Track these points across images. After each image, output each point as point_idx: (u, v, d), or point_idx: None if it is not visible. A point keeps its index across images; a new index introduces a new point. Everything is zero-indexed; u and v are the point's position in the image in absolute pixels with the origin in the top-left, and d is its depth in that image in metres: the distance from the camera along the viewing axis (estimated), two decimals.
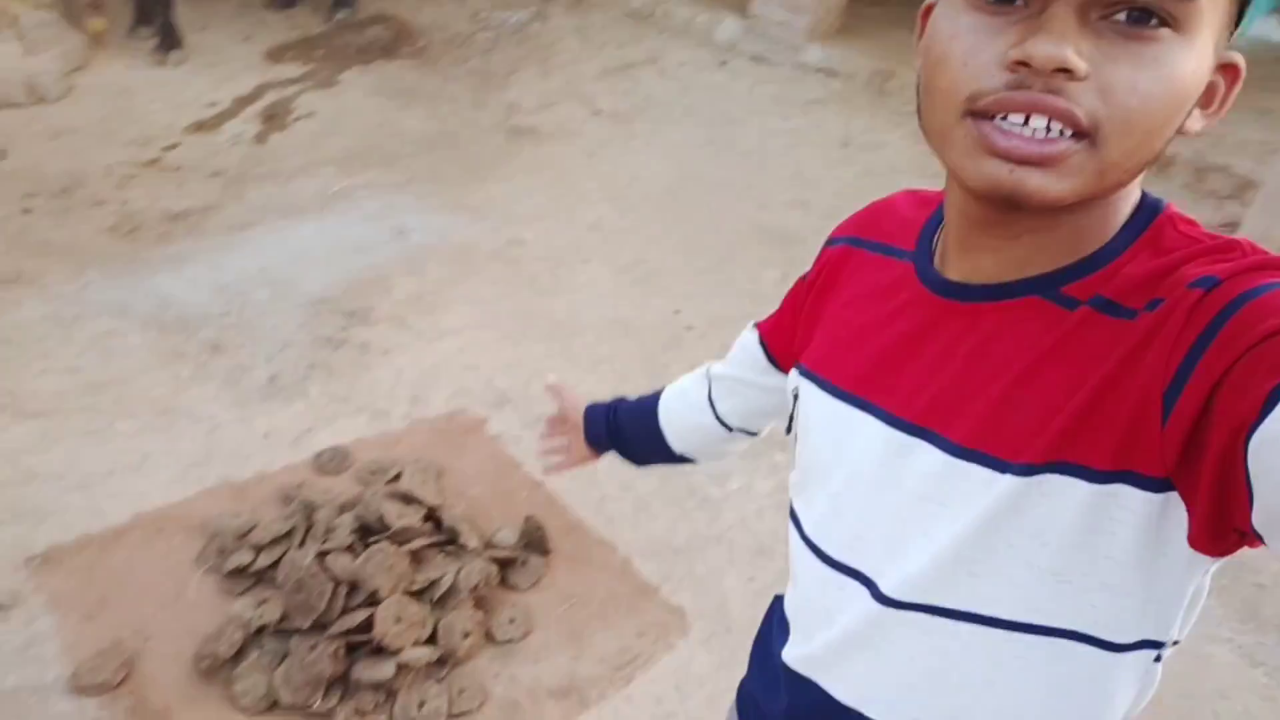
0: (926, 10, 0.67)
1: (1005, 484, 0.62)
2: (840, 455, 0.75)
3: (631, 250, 3.74)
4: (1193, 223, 0.65)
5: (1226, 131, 4.37)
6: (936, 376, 0.68)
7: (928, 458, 0.67)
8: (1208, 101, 0.61)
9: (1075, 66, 0.53)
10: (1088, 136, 0.55)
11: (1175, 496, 0.57)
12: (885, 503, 0.70)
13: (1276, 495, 0.48)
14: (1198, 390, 0.53)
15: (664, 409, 1.09)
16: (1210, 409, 0.53)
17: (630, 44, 5.53)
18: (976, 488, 0.63)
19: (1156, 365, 0.56)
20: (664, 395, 1.10)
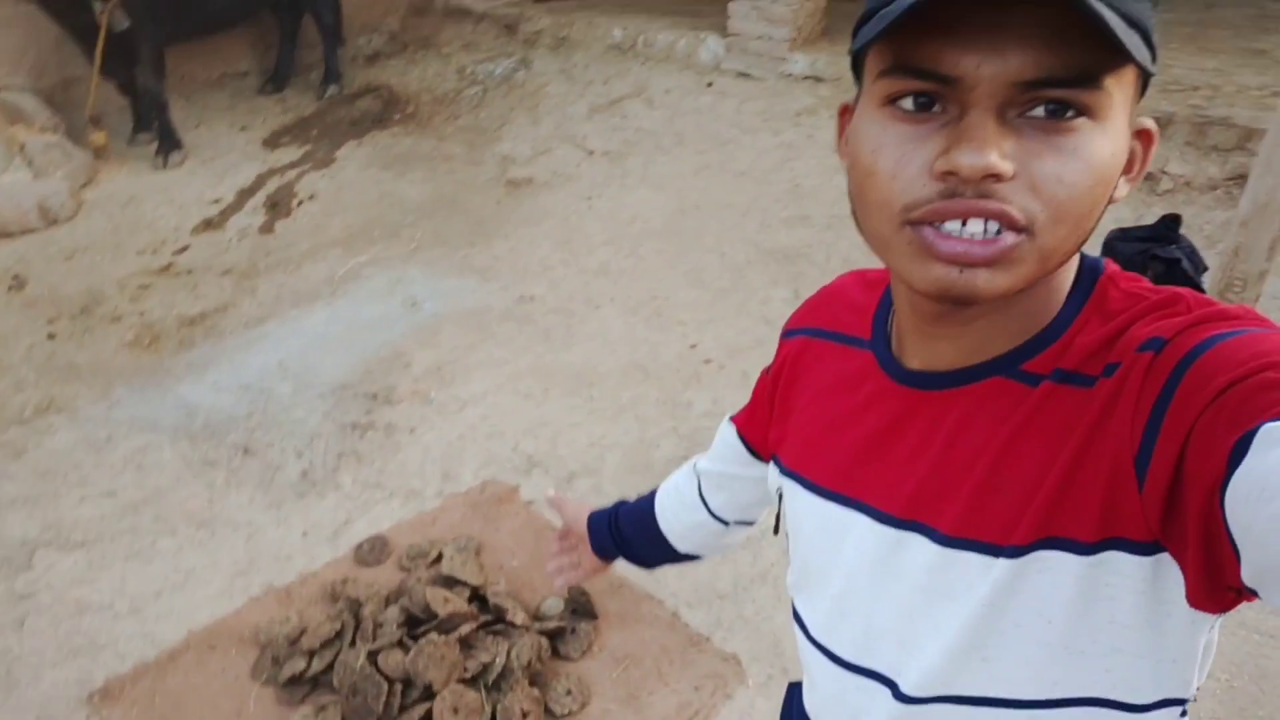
0: (844, 110, 0.68)
1: (1000, 568, 0.63)
2: (835, 555, 0.76)
3: (640, 290, 3.75)
4: (1133, 278, 0.66)
5: (1222, 81, 4.30)
6: (916, 468, 0.69)
7: (921, 550, 0.68)
8: (1128, 168, 0.62)
9: (1002, 170, 0.54)
10: (1024, 230, 0.56)
11: (1168, 557, 0.58)
12: (889, 600, 0.71)
13: (1260, 550, 0.48)
14: (1166, 454, 0.54)
15: (660, 510, 1.09)
16: (1182, 472, 0.54)
17: (615, 78, 5.56)
18: (973, 575, 0.65)
19: (1122, 431, 0.58)
20: (659, 496, 1.10)
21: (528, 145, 5.20)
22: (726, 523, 1.04)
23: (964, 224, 0.56)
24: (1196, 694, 0.68)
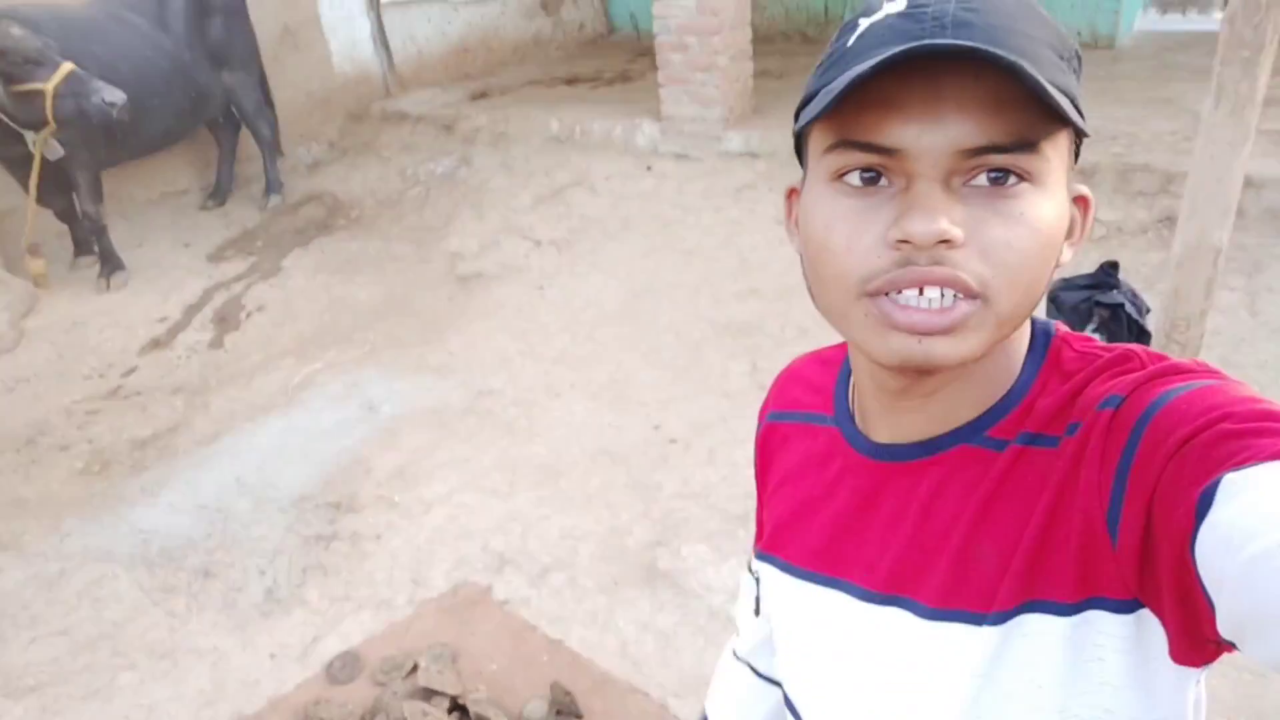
0: (791, 192, 0.69)
1: (986, 636, 0.63)
2: (820, 637, 0.75)
3: (600, 375, 3.75)
4: (1085, 338, 0.68)
5: (1137, 129, 4.51)
6: (892, 542, 0.69)
7: (906, 625, 0.67)
8: (1070, 234, 0.64)
9: (953, 236, 0.56)
10: (979, 297, 0.58)
11: (1149, 614, 0.58)
12: (878, 679, 0.70)
13: (1233, 601, 0.48)
14: (1135, 510, 0.55)
15: None
16: (1151, 527, 0.54)
17: (556, 168, 5.66)
18: (960, 646, 0.64)
19: (1090, 490, 0.58)
20: (715, 718, 1.00)
21: (475, 240, 5.24)
22: None
23: (920, 293, 0.57)
24: None
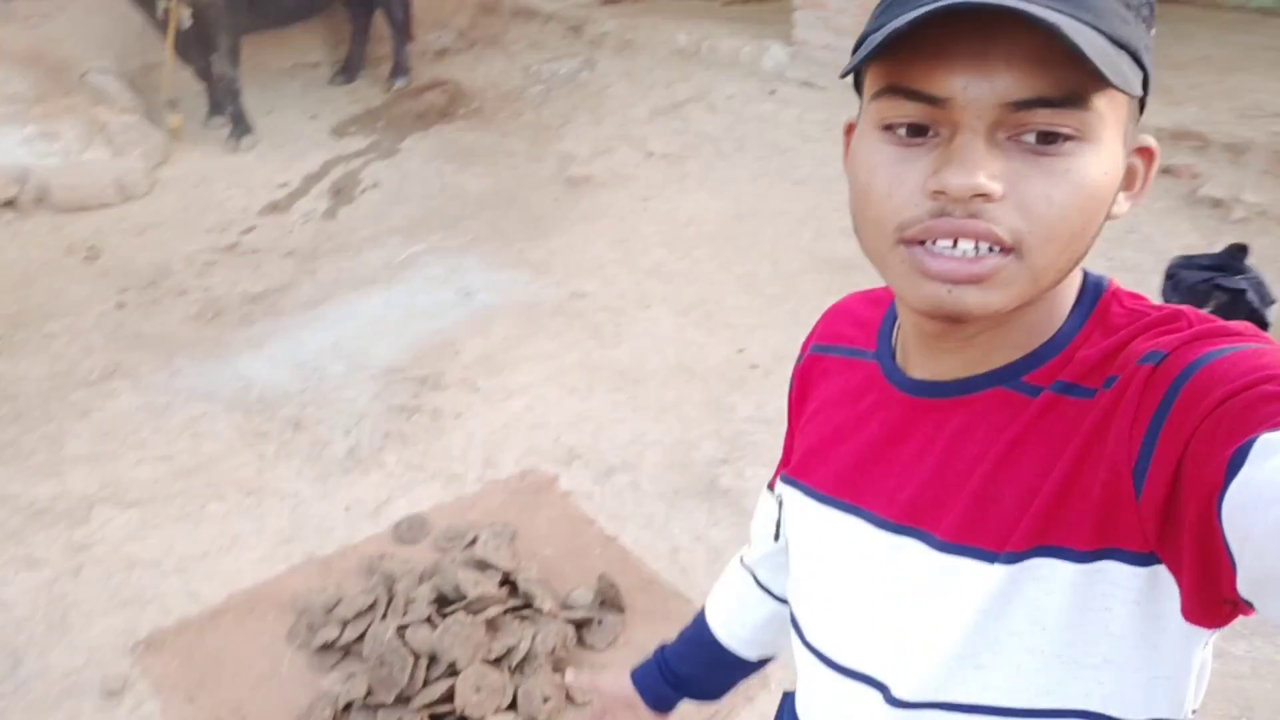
0: (849, 128, 0.70)
1: (995, 574, 0.63)
2: (833, 561, 0.76)
3: (692, 292, 3.76)
4: (1137, 296, 0.67)
5: None
6: (915, 474, 0.70)
7: (918, 556, 0.68)
8: (1129, 185, 0.64)
9: (990, 190, 0.56)
10: (1012, 250, 0.58)
11: (1163, 570, 0.58)
12: (885, 605, 0.71)
13: (1256, 558, 0.48)
14: (1164, 465, 0.55)
15: (719, 627, 1.03)
16: (1179, 482, 0.54)
17: (678, 82, 5.58)
18: (969, 581, 0.65)
19: (1120, 442, 0.58)
20: (710, 614, 1.05)
21: (588, 144, 5.25)
22: None
23: (954, 244, 0.58)
24: (1192, 716, 0.67)
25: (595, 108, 5.59)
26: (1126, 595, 0.60)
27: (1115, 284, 0.68)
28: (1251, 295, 2.84)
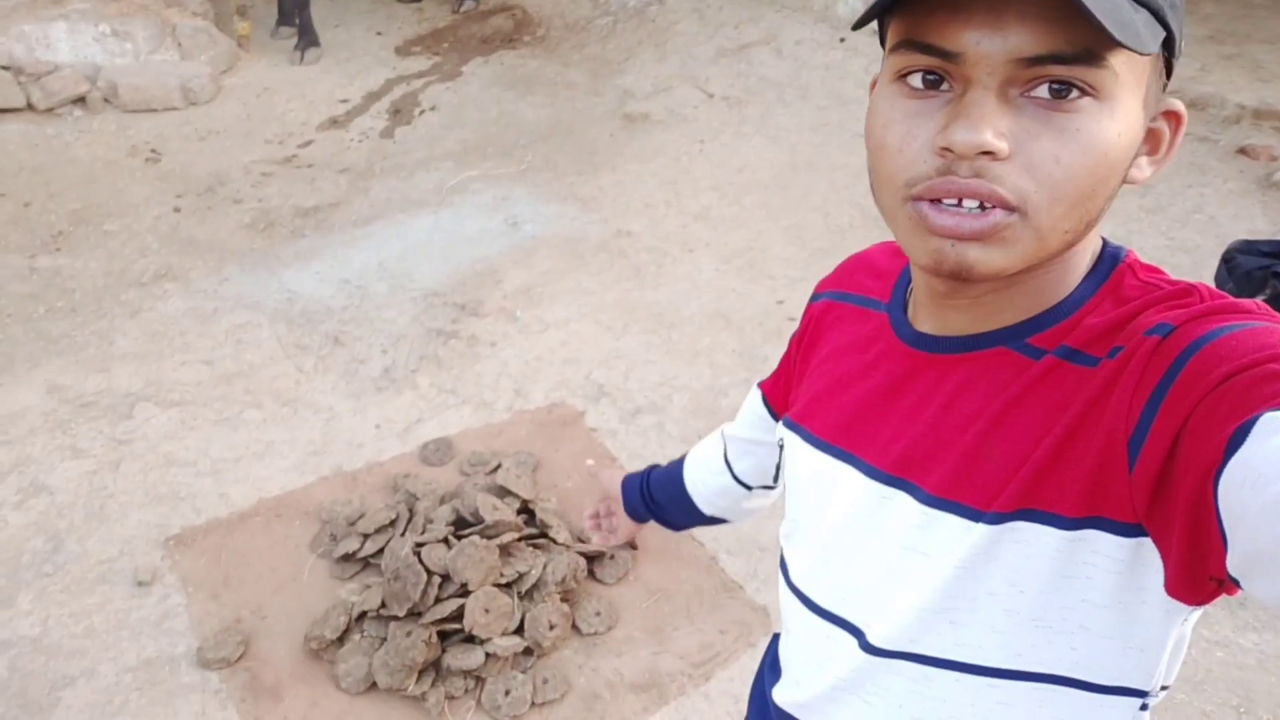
0: (875, 83, 0.69)
1: (979, 533, 0.64)
2: (824, 506, 0.77)
3: (737, 239, 3.73)
4: (1153, 269, 0.66)
5: None
6: (911, 427, 0.70)
7: (905, 508, 0.69)
8: (1154, 149, 0.62)
9: (996, 149, 0.56)
10: (1017, 210, 0.57)
11: (1149, 542, 0.58)
12: (869, 553, 0.72)
13: (1250, 536, 0.47)
14: (1161, 438, 0.55)
15: (689, 475, 1.12)
16: (1175, 456, 0.54)
17: (747, 23, 5.46)
18: (952, 537, 0.66)
19: (1119, 413, 0.58)
20: (687, 461, 1.14)
21: (649, 81, 5.17)
22: (750, 487, 1.06)
23: (959, 202, 0.58)
24: (1161, 692, 0.67)
25: (660, 44, 5.49)
26: (1109, 565, 0.60)
27: (1134, 255, 0.67)
28: None
